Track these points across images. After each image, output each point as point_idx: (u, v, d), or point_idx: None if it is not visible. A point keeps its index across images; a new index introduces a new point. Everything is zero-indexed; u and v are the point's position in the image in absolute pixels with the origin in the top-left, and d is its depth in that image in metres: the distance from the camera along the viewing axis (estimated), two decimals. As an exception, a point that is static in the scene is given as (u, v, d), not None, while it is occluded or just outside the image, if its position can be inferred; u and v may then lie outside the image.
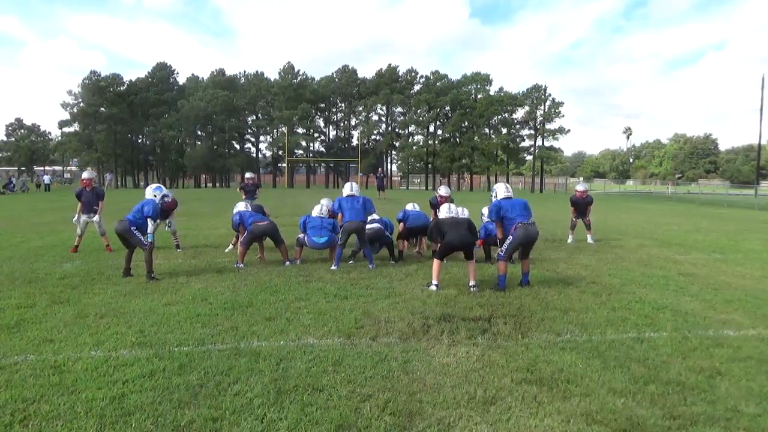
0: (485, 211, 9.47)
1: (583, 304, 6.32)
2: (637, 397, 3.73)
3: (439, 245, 7.33)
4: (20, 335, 4.90)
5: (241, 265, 8.41)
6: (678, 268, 8.95)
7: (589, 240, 12.08)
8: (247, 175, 15.64)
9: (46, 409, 3.41)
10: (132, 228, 7.49)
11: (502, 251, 7.18)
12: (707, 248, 11.62)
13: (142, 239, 7.51)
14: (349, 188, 8.89)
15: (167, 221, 10.43)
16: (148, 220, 7.63)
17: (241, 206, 9.54)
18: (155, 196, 8.10)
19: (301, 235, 9.12)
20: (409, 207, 9.91)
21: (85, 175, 10.40)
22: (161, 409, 3.43)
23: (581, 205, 12.23)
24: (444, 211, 7.69)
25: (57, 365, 4.15)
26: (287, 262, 8.76)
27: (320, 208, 9.39)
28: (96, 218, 10.07)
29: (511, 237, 7.13)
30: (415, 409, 3.50)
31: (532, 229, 7.17)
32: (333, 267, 8.35)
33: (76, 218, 10.02)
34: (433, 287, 7.01)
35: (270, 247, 9.38)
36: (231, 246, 10.21)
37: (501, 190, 7.64)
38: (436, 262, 7.17)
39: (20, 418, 3.30)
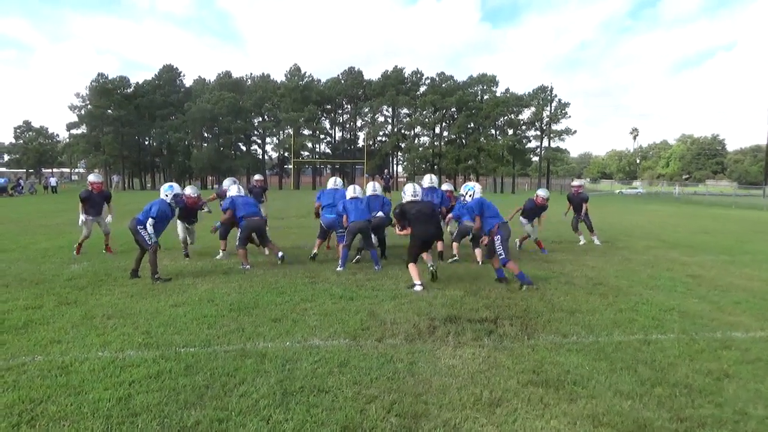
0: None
1: (589, 306, 6.30)
2: (644, 400, 3.71)
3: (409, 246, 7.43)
4: (28, 336, 4.93)
5: (248, 266, 8.42)
6: (685, 269, 8.89)
7: (596, 242, 12.03)
8: (256, 177, 15.32)
9: (53, 410, 3.43)
10: (139, 227, 7.52)
11: (502, 255, 7.36)
12: (715, 250, 11.55)
13: (147, 239, 7.53)
14: (352, 191, 8.96)
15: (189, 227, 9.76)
16: (150, 220, 7.58)
17: (234, 190, 9.27)
18: (167, 195, 7.99)
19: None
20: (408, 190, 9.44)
21: (93, 178, 10.20)
22: (167, 410, 3.44)
23: (575, 201, 12.44)
24: (409, 193, 7.67)
25: (64, 366, 4.17)
26: (280, 253, 8.72)
27: (334, 181, 9.98)
28: (108, 219, 10.11)
29: (498, 236, 7.41)
30: (421, 411, 3.50)
31: (509, 228, 7.65)
32: (339, 268, 8.35)
33: (83, 220, 9.88)
34: (418, 287, 6.98)
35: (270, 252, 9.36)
36: (221, 253, 9.66)
37: (478, 189, 8.02)
38: (411, 266, 7.19)
39: (27, 419, 3.32)
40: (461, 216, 9.16)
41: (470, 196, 7.99)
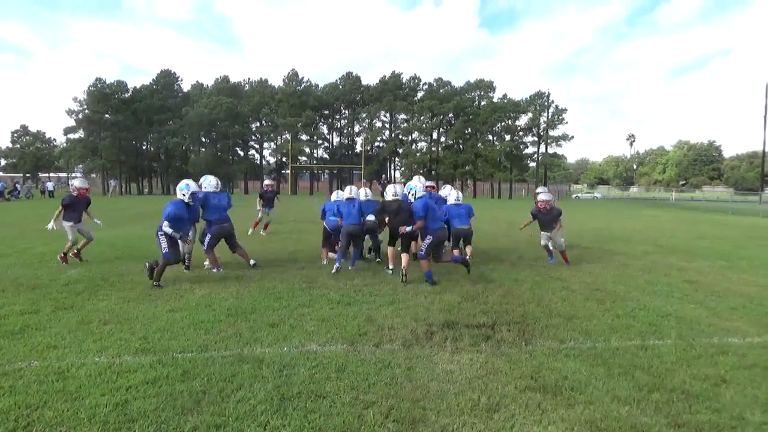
0: (452, 195, 9.96)
1: (587, 311, 6.30)
2: (642, 405, 3.71)
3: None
4: (24, 341, 4.91)
5: (220, 269, 8.49)
6: (682, 275, 8.91)
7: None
8: (266, 182, 14.87)
9: (49, 416, 3.42)
10: (159, 233, 7.46)
11: (422, 251, 7.86)
12: (712, 255, 11.58)
13: (162, 248, 7.42)
14: (348, 191, 9.34)
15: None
16: (165, 222, 7.43)
17: (212, 184, 8.71)
18: (183, 195, 7.71)
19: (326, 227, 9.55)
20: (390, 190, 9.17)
21: (80, 183, 9.63)
22: (164, 416, 3.43)
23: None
24: (390, 193, 8.50)
25: (61, 371, 4.16)
26: (253, 261, 8.81)
27: (336, 194, 10.08)
28: (98, 222, 9.88)
29: (430, 238, 7.84)
30: (419, 416, 3.49)
31: (445, 234, 8.41)
32: (336, 265, 8.49)
33: (51, 226, 9.14)
34: (387, 270, 8.37)
35: (272, 259, 9.37)
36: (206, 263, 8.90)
37: (420, 188, 8.59)
38: (389, 249, 8.54)
39: (24, 425, 3.31)
40: (450, 218, 9.53)
41: (413, 195, 8.28)
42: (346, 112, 69.43)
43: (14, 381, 3.97)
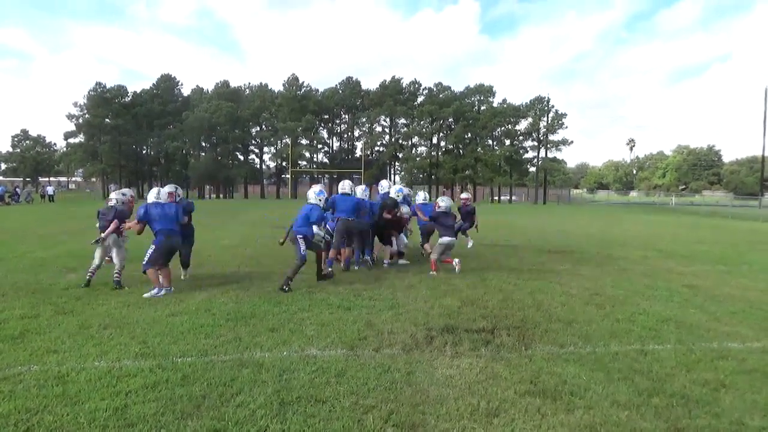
0: (419, 196, 11.27)
1: (586, 316, 6.30)
2: (641, 410, 3.71)
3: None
4: (24, 346, 4.91)
5: (162, 291, 7.09)
6: (682, 279, 8.91)
7: (469, 245, 12.34)
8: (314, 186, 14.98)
9: (49, 420, 3.41)
10: (297, 236, 7.72)
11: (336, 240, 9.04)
12: (711, 260, 11.58)
13: (302, 249, 7.69)
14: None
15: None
16: (314, 227, 7.81)
17: (152, 196, 7.61)
18: (319, 201, 8.05)
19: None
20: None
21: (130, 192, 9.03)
22: (164, 420, 3.43)
23: (463, 212, 12.46)
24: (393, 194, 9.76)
25: (60, 376, 4.16)
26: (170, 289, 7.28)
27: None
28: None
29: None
30: (418, 421, 3.49)
31: (351, 224, 9.15)
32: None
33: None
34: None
35: (272, 264, 9.36)
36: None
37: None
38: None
39: (23, 429, 3.31)
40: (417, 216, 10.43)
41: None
42: (346, 116, 69.60)
43: (14, 385, 3.96)
